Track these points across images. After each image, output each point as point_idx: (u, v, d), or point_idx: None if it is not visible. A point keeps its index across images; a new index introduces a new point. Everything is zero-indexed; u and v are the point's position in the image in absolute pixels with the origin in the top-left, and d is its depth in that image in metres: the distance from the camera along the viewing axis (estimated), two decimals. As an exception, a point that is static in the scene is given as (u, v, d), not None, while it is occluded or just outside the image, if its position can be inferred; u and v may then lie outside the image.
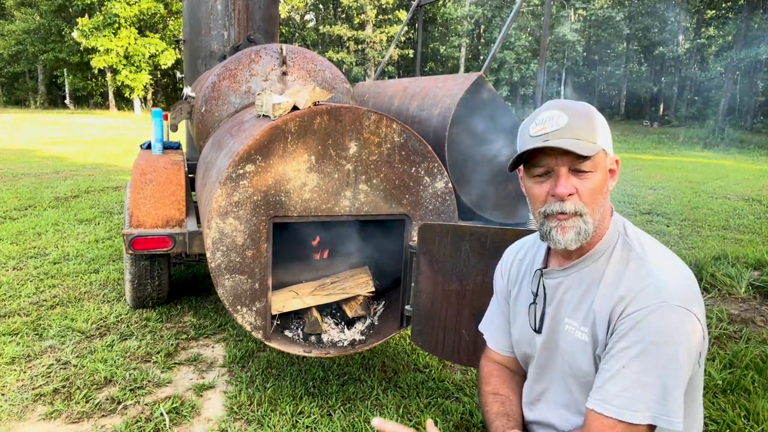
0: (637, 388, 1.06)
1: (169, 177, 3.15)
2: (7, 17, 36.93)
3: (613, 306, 1.14)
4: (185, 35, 5.40)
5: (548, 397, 1.33)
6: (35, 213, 6.37)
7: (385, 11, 35.60)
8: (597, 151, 1.15)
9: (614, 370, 1.09)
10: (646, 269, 1.15)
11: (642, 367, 1.07)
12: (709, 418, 2.59)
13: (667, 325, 1.07)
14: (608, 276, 1.19)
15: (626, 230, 1.25)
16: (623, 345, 1.10)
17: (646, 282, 1.12)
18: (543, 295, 1.31)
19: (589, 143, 1.15)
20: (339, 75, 3.58)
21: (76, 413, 2.48)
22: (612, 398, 1.08)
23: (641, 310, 1.09)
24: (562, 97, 32.53)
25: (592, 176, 1.17)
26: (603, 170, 1.19)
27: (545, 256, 1.36)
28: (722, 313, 3.86)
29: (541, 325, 1.32)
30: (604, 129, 1.20)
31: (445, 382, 2.88)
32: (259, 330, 2.37)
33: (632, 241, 1.22)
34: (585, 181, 1.17)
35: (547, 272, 1.31)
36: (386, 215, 2.45)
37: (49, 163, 11.03)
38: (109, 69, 33.77)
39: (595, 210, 1.18)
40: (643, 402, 1.06)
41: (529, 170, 1.23)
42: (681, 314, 1.07)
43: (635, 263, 1.17)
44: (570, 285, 1.26)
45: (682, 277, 1.15)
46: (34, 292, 3.89)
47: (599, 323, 1.17)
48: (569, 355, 1.24)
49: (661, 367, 1.06)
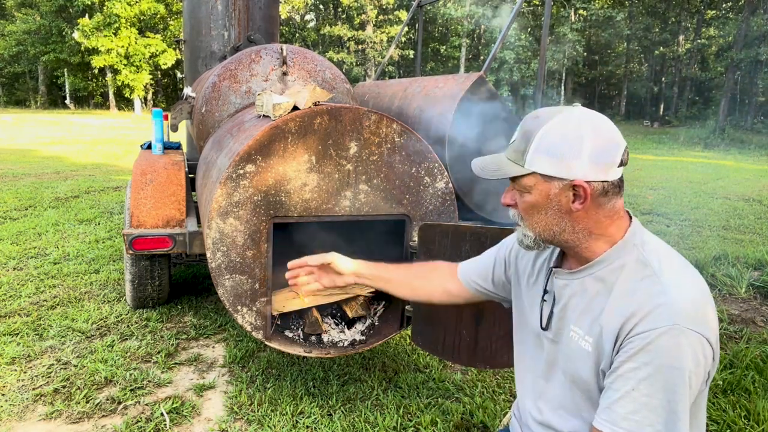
0: (646, 410, 1.06)
1: (170, 177, 3.15)
2: (8, 18, 36.95)
3: (623, 322, 1.13)
4: (185, 35, 5.41)
5: (550, 396, 1.33)
6: (35, 213, 6.37)
7: (385, 11, 35.60)
8: (517, 173, 1.20)
9: (623, 391, 1.09)
10: (660, 287, 1.12)
11: (651, 390, 1.06)
12: (710, 418, 2.59)
13: (677, 348, 1.05)
14: (619, 289, 1.18)
15: (644, 244, 1.22)
16: (632, 365, 1.08)
17: (659, 301, 1.10)
18: (552, 293, 1.33)
19: (512, 166, 1.21)
20: (339, 75, 3.58)
21: (76, 413, 2.48)
22: (620, 420, 1.08)
23: (652, 331, 1.07)
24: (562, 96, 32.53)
25: (524, 196, 1.23)
26: (539, 194, 1.20)
27: (559, 255, 1.37)
28: (722, 314, 3.86)
29: (548, 322, 1.33)
30: (549, 153, 1.16)
31: (445, 382, 2.88)
32: (259, 330, 2.37)
33: (649, 256, 1.19)
34: (521, 197, 1.24)
35: (557, 272, 1.32)
36: (386, 215, 2.45)
37: (49, 163, 11.04)
38: (109, 69, 33.81)
39: (533, 225, 1.24)
40: (651, 425, 1.05)
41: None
42: (692, 338, 1.06)
43: (650, 280, 1.15)
44: (575, 290, 1.26)
45: (697, 297, 1.12)
46: (34, 292, 3.89)
47: (606, 336, 1.16)
48: (572, 362, 1.24)
49: (671, 391, 1.05)
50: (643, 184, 10.63)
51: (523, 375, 1.45)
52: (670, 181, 11.33)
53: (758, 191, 10.14)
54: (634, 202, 8.64)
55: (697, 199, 9.00)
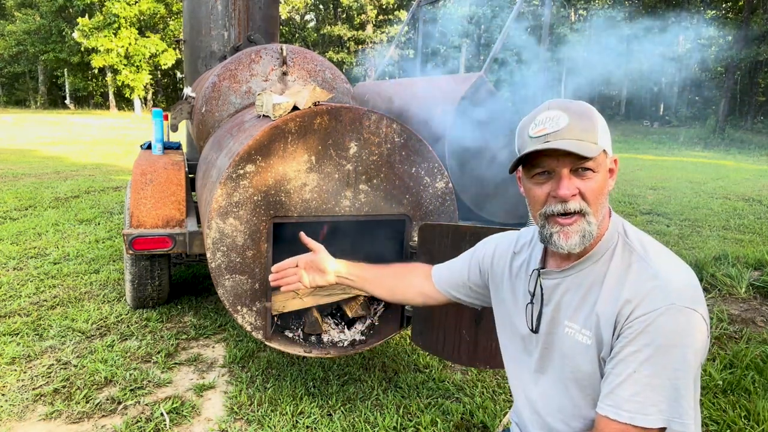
0: (649, 391, 1.06)
1: (170, 177, 3.15)
2: (8, 18, 36.95)
3: (620, 308, 1.13)
4: (185, 35, 5.41)
5: (546, 399, 1.32)
6: (35, 213, 6.37)
7: (385, 11, 35.59)
8: (598, 152, 1.14)
9: (624, 374, 1.09)
10: (652, 271, 1.14)
11: (653, 371, 1.06)
12: (710, 418, 2.58)
13: (676, 327, 1.07)
14: (610, 277, 1.18)
15: (626, 231, 1.24)
16: (633, 349, 1.09)
17: (653, 284, 1.12)
18: (540, 295, 1.30)
19: (590, 144, 1.14)
20: (339, 75, 3.58)
21: (76, 413, 2.48)
22: (624, 403, 1.08)
23: (650, 313, 1.08)
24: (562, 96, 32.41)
25: (594, 176, 1.15)
26: (604, 170, 1.18)
27: (542, 255, 1.34)
28: (722, 314, 3.86)
29: (538, 325, 1.31)
30: (604, 129, 1.19)
31: (445, 382, 2.88)
32: (259, 330, 2.37)
33: (633, 242, 1.21)
34: (587, 182, 1.15)
35: (545, 273, 1.30)
36: (386, 215, 2.45)
37: (49, 163, 11.04)
38: (109, 69, 33.81)
39: (598, 210, 1.17)
40: (655, 405, 1.05)
41: (528, 171, 1.21)
42: (689, 315, 1.07)
43: (639, 264, 1.17)
44: (569, 287, 1.25)
45: (686, 276, 1.14)
46: (34, 293, 3.89)
47: (604, 325, 1.16)
48: (570, 359, 1.23)
49: (672, 369, 1.05)
50: (643, 184, 10.63)
51: (514, 382, 1.44)
52: (670, 181, 11.33)
53: (758, 191, 10.14)
54: (634, 202, 8.64)
55: (697, 199, 9.00)
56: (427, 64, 8.09)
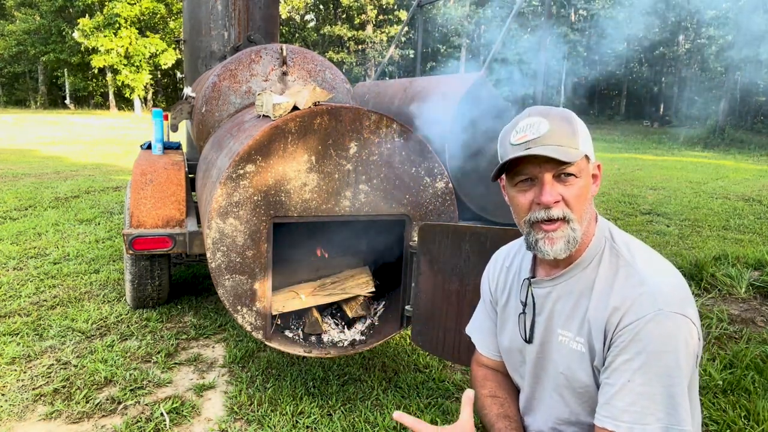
0: (644, 400, 1.06)
1: (170, 177, 3.15)
2: (8, 18, 36.95)
3: (608, 316, 1.13)
4: (185, 35, 5.41)
5: (542, 408, 1.31)
6: (35, 213, 6.37)
7: (385, 11, 35.59)
8: (580, 157, 1.14)
9: (619, 384, 1.09)
10: (638, 277, 1.14)
11: (646, 379, 1.06)
12: (710, 418, 2.58)
13: (666, 333, 1.06)
14: (599, 284, 1.18)
15: (612, 235, 1.23)
16: (625, 357, 1.09)
17: (640, 291, 1.11)
18: (532, 304, 1.29)
19: (571, 149, 1.14)
20: (339, 75, 3.58)
21: (76, 413, 2.48)
22: (621, 414, 1.08)
23: (638, 321, 1.08)
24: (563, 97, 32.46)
25: (576, 182, 1.16)
26: (587, 176, 1.18)
27: (532, 264, 1.33)
28: (722, 314, 3.86)
29: (531, 334, 1.30)
30: (586, 134, 1.20)
31: (445, 382, 2.88)
32: (259, 330, 2.37)
33: (620, 247, 1.20)
34: (570, 188, 1.16)
35: (535, 282, 1.29)
36: (386, 215, 2.45)
37: (49, 163, 11.04)
38: (109, 69, 33.81)
39: (582, 216, 1.18)
40: (652, 414, 1.05)
41: (511, 179, 1.21)
42: (677, 320, 1.07)
43: (625, 270, 1.16)
44: (560, 295, 1.24)
45: (673, 280, 1.14)
46: (34, 292, 3.89)
47: (595, 333, 1.16)
48: (565, 367, 1.22)
49: (665, 375, 1.05)
50: (643, 184, 10.63)
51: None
52: (670, 181, 11.33)
53: (758, 191, 10.14)
54: (634, 202, 8.64)
55: (697, 199, 9.00)
56: (426, 63, 8.05)
